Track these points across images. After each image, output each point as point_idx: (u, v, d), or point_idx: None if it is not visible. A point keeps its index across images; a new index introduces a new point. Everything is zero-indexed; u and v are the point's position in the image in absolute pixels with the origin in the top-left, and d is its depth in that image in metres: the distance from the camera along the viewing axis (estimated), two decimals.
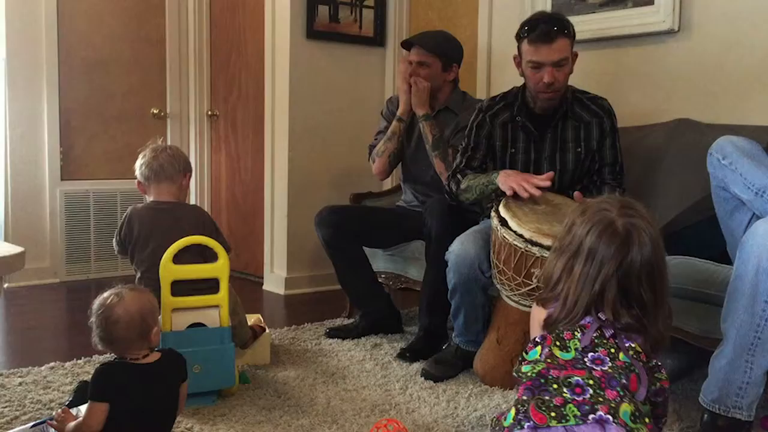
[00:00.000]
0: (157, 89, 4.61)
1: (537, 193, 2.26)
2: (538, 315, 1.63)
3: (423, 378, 2.50)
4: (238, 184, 4.50)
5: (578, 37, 3.04)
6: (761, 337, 1.82)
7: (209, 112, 4.63)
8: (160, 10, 4.56)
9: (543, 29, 2.40)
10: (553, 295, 1.54)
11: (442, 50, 3.03)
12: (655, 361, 1.50)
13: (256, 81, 4.20)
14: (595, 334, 1.48)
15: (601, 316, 1.47)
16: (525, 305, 2.28)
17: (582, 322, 1.50)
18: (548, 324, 1.54)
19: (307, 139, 3.92)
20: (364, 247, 3.07)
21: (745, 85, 2.79)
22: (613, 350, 1.44)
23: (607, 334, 1.47)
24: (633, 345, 1.47)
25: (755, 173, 1.95)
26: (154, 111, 4.58)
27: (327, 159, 3.98)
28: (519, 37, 2.49)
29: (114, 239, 2.44)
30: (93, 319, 1.74)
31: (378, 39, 4.13)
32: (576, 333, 1.48)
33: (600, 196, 2.46)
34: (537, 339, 1.55)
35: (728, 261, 2.09)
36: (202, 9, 4.59)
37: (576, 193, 2.33)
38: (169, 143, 3.61)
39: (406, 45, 3.12)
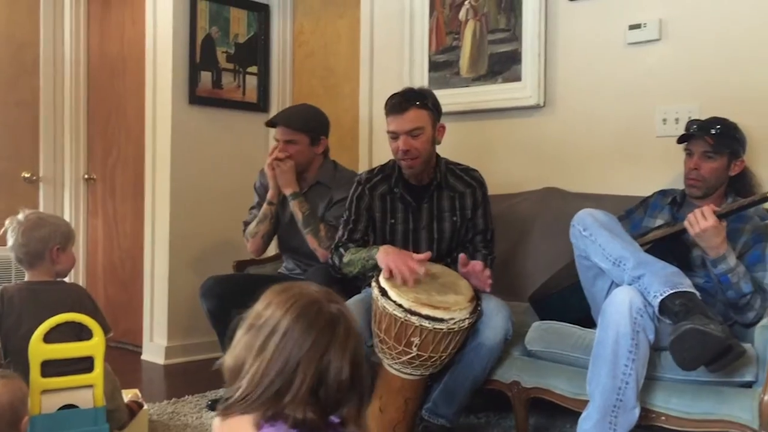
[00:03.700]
0: (29, 152, 4.42)
1: (410, 281, 2.30)
2: None
3: None
4: (116, 250, 4.36)
5: (453, 109, 3.24)
6: (623, 399, 1.95)
7: (86, 176, 4.49)
8: (34, 72, 4.42)
9: (397, 100, 2.56)
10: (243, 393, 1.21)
11: (308, 126, 3.04)
12: None
13: (136, 144, 4.13)
14: None
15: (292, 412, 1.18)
16: (406, 373, 2.33)
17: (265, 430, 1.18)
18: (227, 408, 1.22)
19: (189, 204, 3.87)
20: None
21: (606, 157, 3.01)
22: None
23: None
24: None
25: (612, 245, 2.11)
26: (26, 174, 4.39)
27: (210, 224, 3.94)
28: (384, 111, 2.63)
29: None
30: None
31: (261, 105, 4.17)
32: None
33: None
34: None
35: (593, 325, 2.23)
36: (79, 71, 4.48)
37: (461, 255, 2.43)
38: (41, 211, 3.47)
39: (271, 124, 3.14)
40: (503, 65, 3.25)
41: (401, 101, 2.54)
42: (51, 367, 2.11)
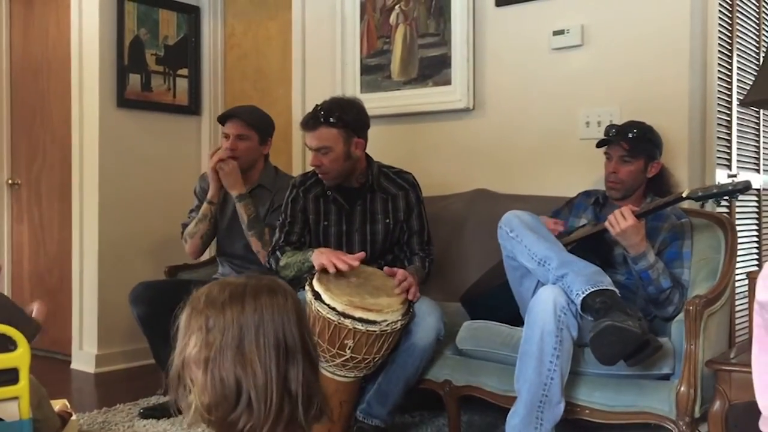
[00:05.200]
0: None
1: (344, 268, 2.35)
2: None
3: None
4: (42, 257, 4.24)
5: (384, 112, 3.29)
6: (548, 395, 2.02)
7: (9, 180, 4.36)
8: None
9: (308, 117, 2.59)
10: (238, 413, 1.13)
11: (259, 124, 3.08)
12: None
13: (62, 148, 4.03)
14: None
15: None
16: (341, 375, 2.36)
17: None
18: None
19: (119, 209, 3.80)
20: None
21: (533, 159, 3.09)
22: None
23: None
24: None
25: (537, 245, 2.18)
26: None
27: (141, 230, 3.87)
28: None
29: None
30: None
31: (193, 107, 4.12)
32: None
33: (411, 266, 2.63)
34: None
35: (522, 323, 2.29)
36: (1, 73, 4.34)
37: (385, 268, 2.47)
38: None
39: (223, 119, 3.14)
40: (433, 69, 3.30)
41: (310, 119, 2.57)
42: None
